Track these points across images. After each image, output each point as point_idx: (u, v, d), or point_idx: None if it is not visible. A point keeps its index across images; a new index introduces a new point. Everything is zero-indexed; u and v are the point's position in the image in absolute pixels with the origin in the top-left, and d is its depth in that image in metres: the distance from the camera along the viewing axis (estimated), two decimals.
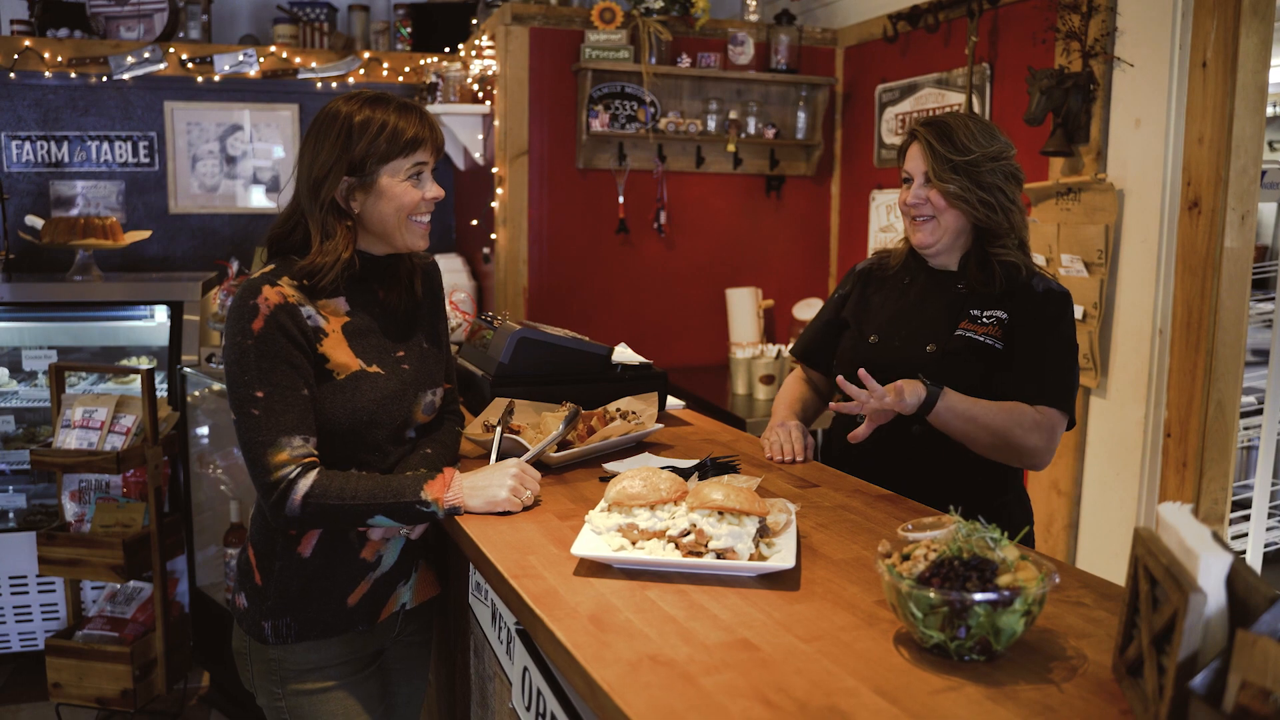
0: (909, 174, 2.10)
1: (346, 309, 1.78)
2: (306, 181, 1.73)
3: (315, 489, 1.62)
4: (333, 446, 1.73)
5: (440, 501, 1.68)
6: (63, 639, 3.32)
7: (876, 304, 2.23)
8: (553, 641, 1.28)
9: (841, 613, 1.34)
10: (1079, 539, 3.27)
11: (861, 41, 4.32)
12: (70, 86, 4.67)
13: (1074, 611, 1.35)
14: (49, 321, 4.10)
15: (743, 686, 1.13)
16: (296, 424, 1.65)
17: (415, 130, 1.72)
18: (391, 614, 1.86)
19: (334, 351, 1.72)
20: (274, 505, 1.63)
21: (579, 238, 4.25)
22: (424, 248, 1.84)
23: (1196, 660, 0.98)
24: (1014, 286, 2.07)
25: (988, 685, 1.14)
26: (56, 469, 3.25)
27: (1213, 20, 2.75)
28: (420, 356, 1.87)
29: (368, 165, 1.71)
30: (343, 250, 1.72)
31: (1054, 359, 2.04)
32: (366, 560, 1.80)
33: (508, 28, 4.03)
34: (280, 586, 1.76)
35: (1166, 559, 1.06)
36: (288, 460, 1.63)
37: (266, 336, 1.64)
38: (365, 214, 1.75)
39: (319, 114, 1.75)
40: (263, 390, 1.63)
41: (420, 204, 1.77)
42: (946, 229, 2.07)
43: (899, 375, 1.96)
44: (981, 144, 2.03)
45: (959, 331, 2.05)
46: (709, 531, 1.45)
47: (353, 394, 1.72)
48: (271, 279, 1.70)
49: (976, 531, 1.24)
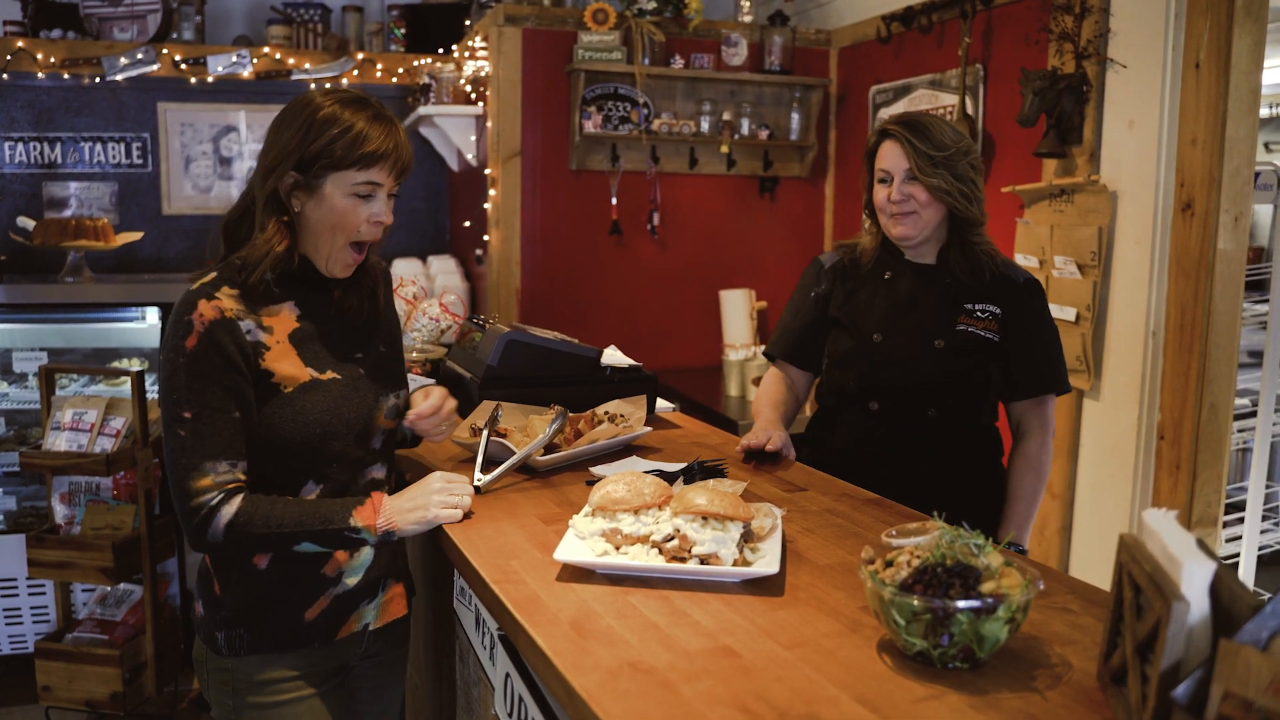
0: (886, 173, 2.17)
1: (296, 313, 1.69)
2: (260, 168, 1.65)
3: (240, 516, 1.56)
4: (286, 463, 1.65)
5: (372, 528, 1.61)
6: (52, 642, 3.31)
7: (865, 301, 2.25)
8: (533, 648, 1.27)
9: (825, 619, 1.33)
10: (1072, 542, 3.26)
11: (855, 43, 4.31)
12: (63, 87, 4.65)
13: (1060, 618, 1.34)
14: (40, 323, 4.09)
15: (722, 694, 1.12)
16: (223, 448, 1.57)
17: (378, 145, 1.61)
18: (353, 633, 1.76)
19: (279, 364, 1.63)
20: (194, 530, 1.56)
21: (572, 239, 4.24)
22: (344, 275, 1.72)
23: (1179, 669, 0.96)
24: (995, 278, 2.20)
25: (971, 693, 1.13)
26: (46, 471, 3.24)
27: (1205, 21, 2.74)
28: (379, 360, 1.79)
29: (316, 166, 1.60)
30: (275, 245, 1.62)
31: (1050, 349, 2.24)
32: (327, 576, 1.71)
33: (501, 29, 4.01)
34: (236, 597, 1.68)
35: (1150, 566, 1.05)
36: (210, 486, 1.55)
37: (199, 355, 1.56)
38: (304, 217, 1.66)
39: (291, 103, 1.66)
40: (190, 411, 1.55)
41: (361, 227, 1.66)
42: (929, 222, 2.16)
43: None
44: (955, 139, 2.14)
45: (960, 326, 2.17)
46: (692, 536, 1.44)
47: (302, 405, 1.63)
48: (209, 291, 1.60)
49: (960, 538, 1.23)
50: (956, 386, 2.18)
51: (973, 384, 2.19)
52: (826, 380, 2.34)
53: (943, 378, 2.16)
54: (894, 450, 2.20)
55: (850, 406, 2.25)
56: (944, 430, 2.19)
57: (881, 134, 2.18)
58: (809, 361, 2.37)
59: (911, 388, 2.18)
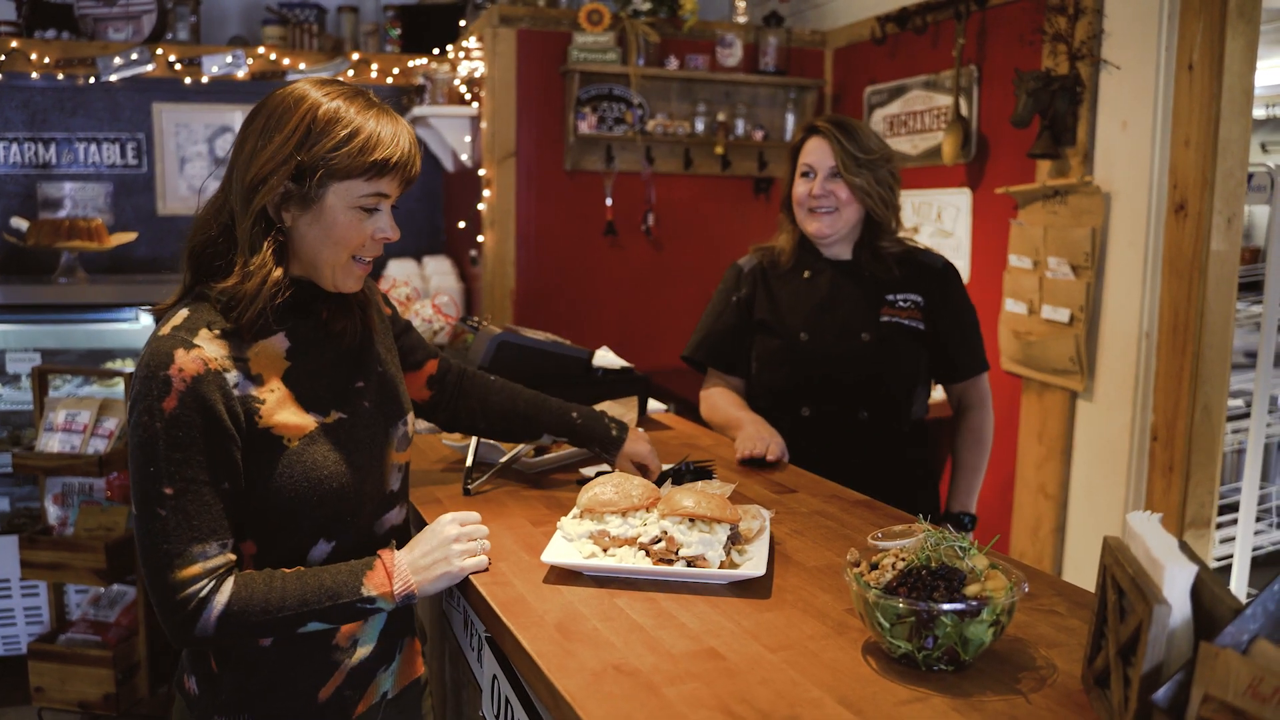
0: (810, 167, 2.22)
1: (286, 348, 1.43)
2: (242, 180, 1.36)
3: (234, 603, 1.32)
4: (296, 525, 1.42)
5: (389, 596, 1.39)
6: (45, 643, 3.30)
7: (787, 301, 2.29)
8: (518, 650, 1.27)
9: (811, 621, 1.32)
10: (1065, 543, 3.26)
11: (850, 43, 4.30)
12: (58, 88, 4.65)
13: (1046, 620, 1.33)
14: (33, 324, 4.08)
15: (706, 697, 1.12)
16: (212, 528, 1.32)
17: (390, 151, 1.37)
18: (371, 705, 1.54)
19: (277, 416, 1.38)
20: (179, 627, 1.31)
21: (567, 240, 4.23)
22: (355, 290, 1.48)
23: (1161, 672, 0.96)
24: (913, 266, 2.27)
25: (955, 696, 1.12)
26: (39, 472, 3.23)
27: (1199, 23, 2.74)
28: (381, 384, 1.55)
29: (318, 175, 1.35)
30: (272, 270, 1.36)
31: (974, 330, 2.33)
32: (339, 646, 1.48)
33: (495, 29, 4.01)
34: (237, 677, 1.44)
35: (1133, 569, 1.05)
36: (200, 574, 1.30)
37: (180, 419, 1.29)
38: (296, 233, 1.40)
39: (275, 95, 1.39)
40: (172, 487, 1.29)
41: (367, 243, 1.42)
42: (847, 221, 2.23)
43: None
44: (879, 146, 2.20)
45: (884, 318, 2.22)
46: (680, 539, 1.43)
47: (312, 459, 1.40)
48: (185, 339, 1.32)
49: (945, 540, 1.23)
50: (886, 379, 2.23)
51: (903, 375, 2.24)
52: (757, 383, 2.35)
53: (872, 370, 2.22)
54: (827, 451, 2.21)
55: (781, 409, 2.27)
56: (875, 430, 2.24)
57: (810, 130, 2.24)
58: (737, 367, 2.39)
59: (841, 384, 2.22)
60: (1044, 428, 3.29)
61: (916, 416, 2.32)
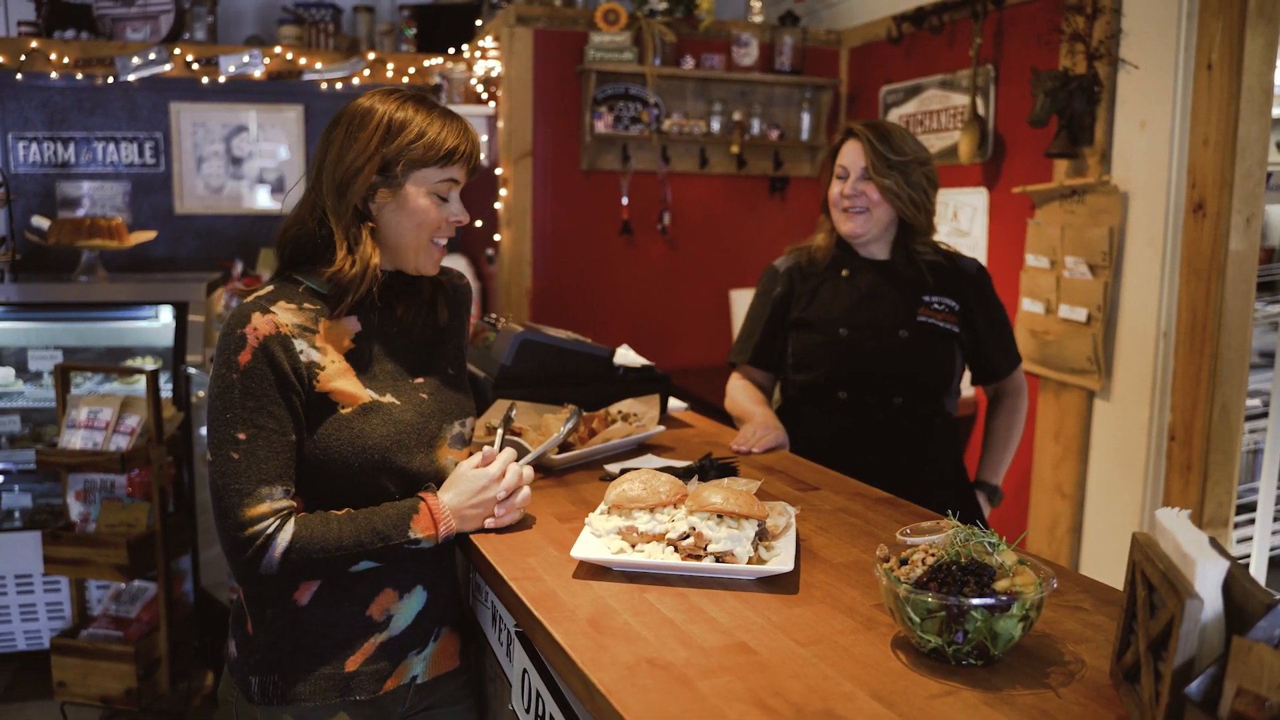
0: (844, 169, 2.29)
1: (356, 331, 1.59)
2: (332, 180, 1.54)
3: (296, 541, 1.45)
4: (339, 490, 1.53)
5: (434, 537, 1.53)
6: (68, 638, 3.33)
7: (826, 298, 2.35)
8: (551, 644, 1.28)
9: (840, 616, 1.34)
10: (1082, 542, 3.27)
11: (866, 43, 4.31)
12: (76, 87, 4.69)
13: (1072, 616, 1.34)
14: (55, 322, 4.12)
15: (739, 690, 1.13)
16: (279, 472, 1.46)
17: (456, 141, 1.56)
18: (399, 685, 1.62)
19: (335, 383, 1.52)
20: (246, 563, 1.44)
21: (583, 239, 4.25)
22: (434, 273, 1.66)
23: (1193, 667, 0.97)
24: (948, 270, 2.32)
25: (985, 690, 1.14)
26: (62, 469, 3.26)
27: (1218, 22, 2.74)
28: (442, 385, 1.67)
29: (399, 167, 1.53)
30: (372, 256, 1.54)
31: (1008, 329, 2.40)
32: (373, 619, 1.58)
33: (512, 29, 4.03)
34: (271, 637, 1.55)
35: (1164, 564, 1.06)
36: (267, 513, 1.44)
37: (253, 371, 1.46)
38: (383, 221, 1.57)
39: (348, 109, 1.58)
40: (245, 431, 1.45)
41: (443, 225, 1.60)
42: (877, 221, 2.28)
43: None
44: (914, 148, 2.25)
45: (920, 318, 2.28)
46: (708, 534, 1.45)
47: (361, 428, 1.52)
48: (264, 305, 1.50)
49: (975, 536, 1.24)
50: (921, 376, 2.29)
51: (937, 373, 2.29)
52: (792, 376, 2.41)
53: (908, 367, 2.28)
54: (861, 437, 2.29)
55: (817, 397, 2.35)
56: (909, 416, 2.30)
57: (847, 133, 2.30)
58: (771, 363, 2.47)
59: (877, 380, 2.29)
60: (1061, 427, 3.30)
61: (948, 411, 2.37)
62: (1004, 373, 2.41)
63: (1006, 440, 2.45)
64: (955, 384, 2.35)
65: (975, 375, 2.42)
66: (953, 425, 2.41)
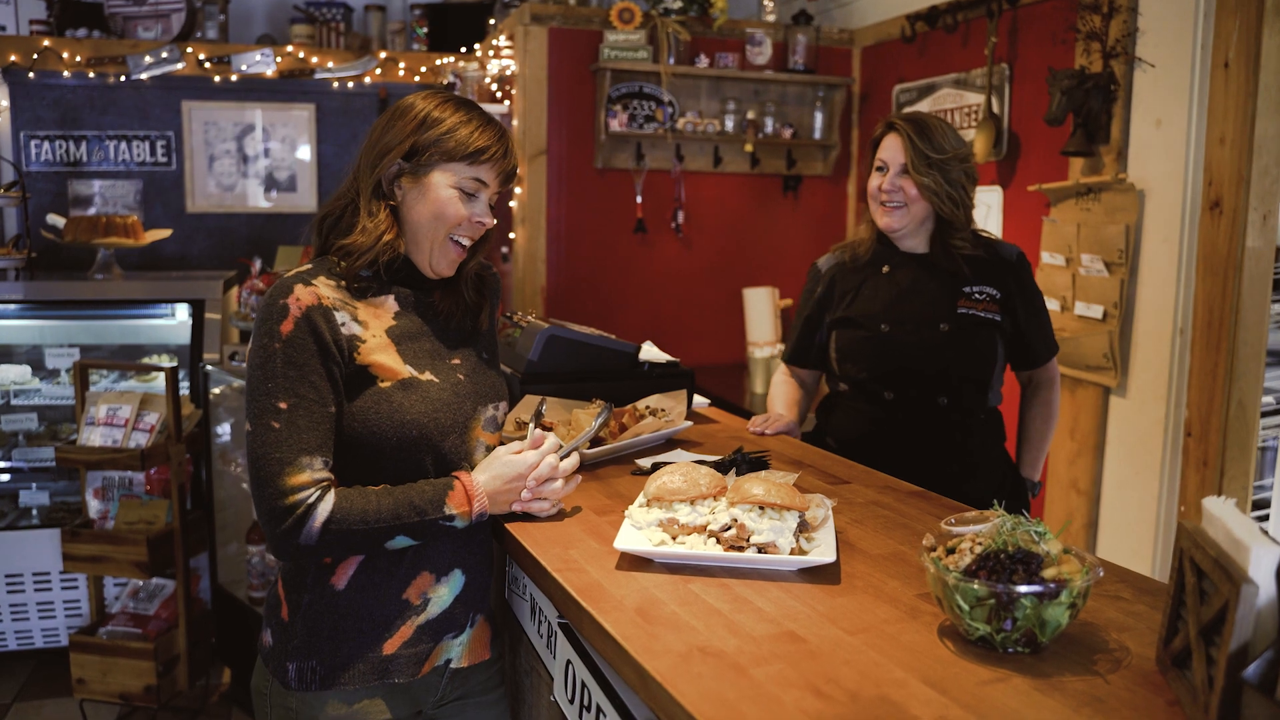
0: (884, 163, 2.30)
1: (395, 309, 1.61)
2: (367, 158, 1.60)
3: (336, 513, 1.45)
4: (377, 465, 1.55)
5: (467, 515, 1.55)
6: (86, 635, 3.35)
7: (868, 294, 2.38)
8: (601, 634, 1.29)
9: (884, 606, 1.35)
10: (1098, 537, 3.28)
11: (879, 42, 4.33)
12: (88, 86, 4.70)
13: (1113, 605, 1.36)
14: (71, 320, 4.13)
15: (793, 677, 1.15)
16: (320, 443, 1.47)
17: (488, 142, 1.58)
18: (434, 668, 1.63)
19: (375, 357, 1.54)
20: (285, 533, 1.44)
21: (597, 237, 4.27)
22: (449, 274, 1.66)
23: (1248, 651, 0.99)
24: (988, 259, 2.34)
25: (1034, 676, 1.15)
26: (81, 466, 3.28)
27: (1235, 20, 2.76)
28: (476, 367, 1.69)
29: (426, 154, 1.56)
30: (384, 231, 1.56)
31: (1046, 316, 2.43)
32: (410, 602, 1.59)
33: (526, 28, 4.04)
34: (308, 623, 1.55)
35: (1215, 551, 1.07)
36: (308, 483, 1.44)
37: (296, 341, 1.47)
38: (405, 207, 1.60)
39: (396, 104, 1.64)
40: (287, 401, 1.46)
41: (464, 223, 1.60)
42: (915, 217, 2.30)
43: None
44: (955, 145, 2.26)
45: (960, 310, 2.30)
46: (750, 526, 1.46)
47: (400, 403, 1.54)
48: (305, 278, 1.53)
49: (1021, 525, 1.26)
50: (964, 368, 2.31)
51: (980, 364, 2.31)
52: (837, 373, 2.44)
53: (950, 360, 2.29)
54: (906, 437, 2.31)
55: (862, 395, 2.37)
56: (954, 416, 2.31)
57: (888, 126, 2.32)
58: (810, 361, 2.52)
59: (922, 374, 2.30)
60: (1076, 424, 3.32)
61: (992, 404, 2.39)
62: (1043, 359, 2.44)
63: (1043, 434, 2.49)
64: (998, 374, 2.37)
65: (1015, 362, 2.44)
66: (996, 419, 2.43)
